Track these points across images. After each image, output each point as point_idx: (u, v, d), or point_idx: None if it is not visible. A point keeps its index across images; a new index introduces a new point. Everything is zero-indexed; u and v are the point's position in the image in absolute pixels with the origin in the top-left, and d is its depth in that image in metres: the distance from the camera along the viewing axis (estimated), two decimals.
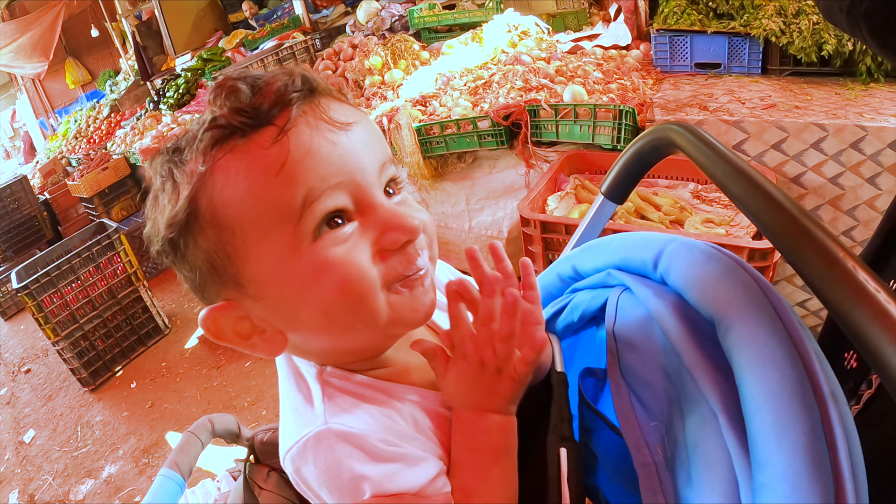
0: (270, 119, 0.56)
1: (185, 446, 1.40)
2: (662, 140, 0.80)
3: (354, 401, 0.64)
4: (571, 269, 0.82)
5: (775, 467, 0.41)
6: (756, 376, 0.45)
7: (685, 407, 0.56)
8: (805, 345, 0.46)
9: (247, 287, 0.60)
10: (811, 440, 0.41)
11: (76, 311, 3.68)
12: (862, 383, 0.83)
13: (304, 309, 0.60)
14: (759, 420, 0.44)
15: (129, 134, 5.81)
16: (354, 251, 0.58)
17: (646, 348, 0.63)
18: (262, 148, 0.55)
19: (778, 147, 2.12)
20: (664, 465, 0.58)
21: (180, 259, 0.60)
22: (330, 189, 0.57)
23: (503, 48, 3.30)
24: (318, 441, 0.60)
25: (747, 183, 0.57)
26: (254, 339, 0.63)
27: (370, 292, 0.59)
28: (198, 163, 0.56)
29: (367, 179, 0.60)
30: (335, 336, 0.63)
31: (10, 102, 12.00)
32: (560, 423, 0.66)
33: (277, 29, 5.51)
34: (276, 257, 0.57)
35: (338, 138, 0.58)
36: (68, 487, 3.10)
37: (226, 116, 0.56)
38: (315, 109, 0.58)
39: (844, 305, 0.42)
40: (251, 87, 0.57)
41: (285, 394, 0.69)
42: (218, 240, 0.57)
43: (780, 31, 2.37)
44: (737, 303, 0.50)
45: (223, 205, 0.56)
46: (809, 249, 0.47)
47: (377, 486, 0.59)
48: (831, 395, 0.43)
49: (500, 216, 2.91)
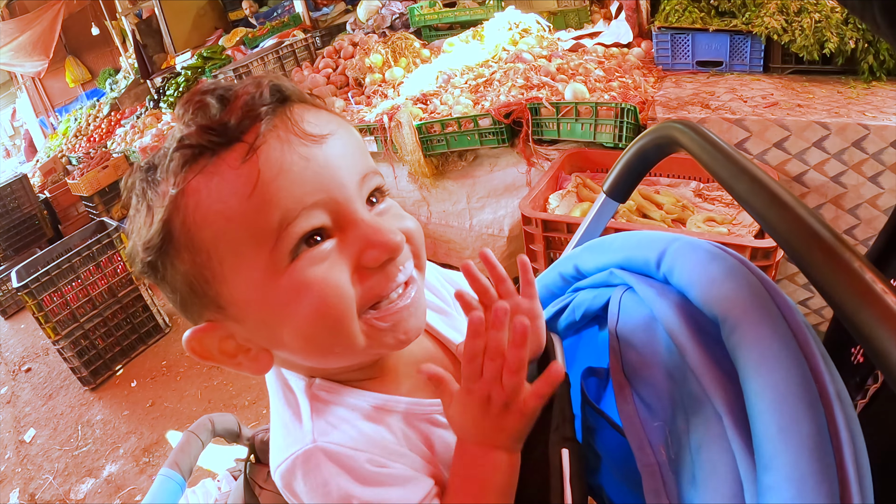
0: (239, 135, 0.54)
1: (186, 446, 1.40)
2: (665, 138, 0.79)
3: (344, 416, 0.63)
4: (573, 268, 0.81)
5: (781, 469, 0.41)
6: (761, 377, 0.45)
7: (689, 407, 0.55)
8: (810, 345, 0.45)
9: (227, 309, 0.58)
10: (817, 442, 0.41)
11: (76, 309, 3.67)
12: (868, 378, 0.82)
13: (283, 331, 0.58)
14: (764, 421, 0.43)
15: (130, 132, 5.81)
16: (332, 271, 0.57)
17: (649, 348, 0.63)
18: (231, 168, 0.53)
19: (780, 145, 2.11)
20: (667, 465, 0.58)
21: (160, 280, 0.59)
22: (306, 210, 0.55)
23: (504, 46, 3.29)
24: (307, 460, 0.59)
25: (751, 181, 0.57)
26: (239, 357, 0.62)
27: (347, 316, 0.58)
28: (169, 184, 0.55)
29: (345, 195, 0.58)
30: (317, 357, 0.62)
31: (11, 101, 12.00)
32: (562, 423, 0.65)
33: (277, 27, 5.50)
34: (254, 280, 0.56)
35: (312, 153, 0.56)
36: (69, 486, 3.09)
37: (194, 135, 0.54)
38: (286, 122, 0.56)
39: (849, 304, 0.42)
40: (220, 101, 0.55)
41: (275, 408, 0.68)
42: (194, 263, 0.56)
43: (782, 29, 2.36)
44: (741, 303, 0.50)
45: (196, 228, 0.54)
46: (814, 248, 0.46)
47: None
48: (837, 397, 0.43)
49: (501, 214, 2.91)
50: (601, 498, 0.80)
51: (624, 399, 0.64)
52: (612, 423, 0.72)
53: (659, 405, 0.61)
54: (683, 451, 0.55)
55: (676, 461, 0.56)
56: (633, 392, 0.64)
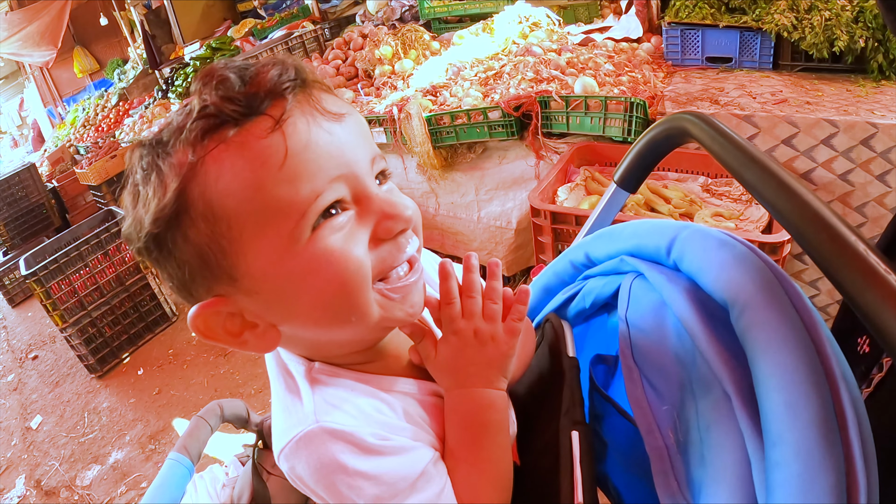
0: (263, 109, 0.54)
1: (195, 431, 1.41)
2: (676, 129, 0.80)
3: (344, 396, 0.64)
4: (584, 256, 0.82)
5: (788, 444, 0.42)
6: (769, 358, 0.46)
7: (697, 390, 0.56)
8: (817, 328, 0.46)
9: (241, 281, 0.58)
10: (823, 419, 0.42)
11: (84, 297, 3.70)
12: (874, 367, 0.84)
13: (300, 301, 0.59)
14: (772, 399, 0.44)
15: (138, 122, 5.83)
16: (351, 240, 0.58)
17: (658, 333, 0.64)
18: (258, 139, 0.54)
19: (788, 142, 2.11)
20: (675, 448, 0.59)
21: (166, 256, 0.58)
22: (332, 182, 0.57)
23: (514, 39, 3.29)
24: (310, 440, 0.60)
25: (761, 170, 0.58)
26: (245, 335, 0.62)
27: (364, 284, 0.60)
28: (187, 154, 0.54)
29: (362, 170, 0.60)
30: (329, 329, 0.63)
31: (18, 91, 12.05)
32: (572, 406, 0.67)
33: (286, 18, 5.52)
34: (274, 250, 0.56)
35: (333, 129, 0.58)
36: (75, 473, 3.12)
37: (216, 105, 0.54)
38: (309, 100, 0.57)
39: (857, 289, 0.43)
40: (240, 77, 0.55)
41: (276, 393, 0.69)
42: (211, 233, 0.56)
43: (792, 27, 2.36)
44: (750, 287, 0.51)
45: (219, 196, 0.54)
46: (822, 233, 0.47)
47: (374, 480, 0.60)
48: (842, 377, 0.44)
49: (510, 207, 2.91)
50: (606, 486, 0.82)
51: (633, 383, 0.65)
52: (619, 409, 0.74)
53: (667, 389, 0.62)
54: (692, 432, 0.56)
55: (684, 443, 0.57)
56: (643, 377, 0.65)
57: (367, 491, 0.59)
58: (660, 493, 0.57)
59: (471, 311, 0.68)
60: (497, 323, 0.68)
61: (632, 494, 0.78)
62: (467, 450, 0.67)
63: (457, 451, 0.67)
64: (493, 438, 0.67)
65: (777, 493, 0.42)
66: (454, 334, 0.68)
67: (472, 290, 0.68)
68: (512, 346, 0.69)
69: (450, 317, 0.68)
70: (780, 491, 0.42)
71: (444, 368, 0.68)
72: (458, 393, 0.68)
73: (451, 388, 0.68)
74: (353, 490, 0.59)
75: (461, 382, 0.68)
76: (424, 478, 0.62)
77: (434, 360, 0.69)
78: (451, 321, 0.68)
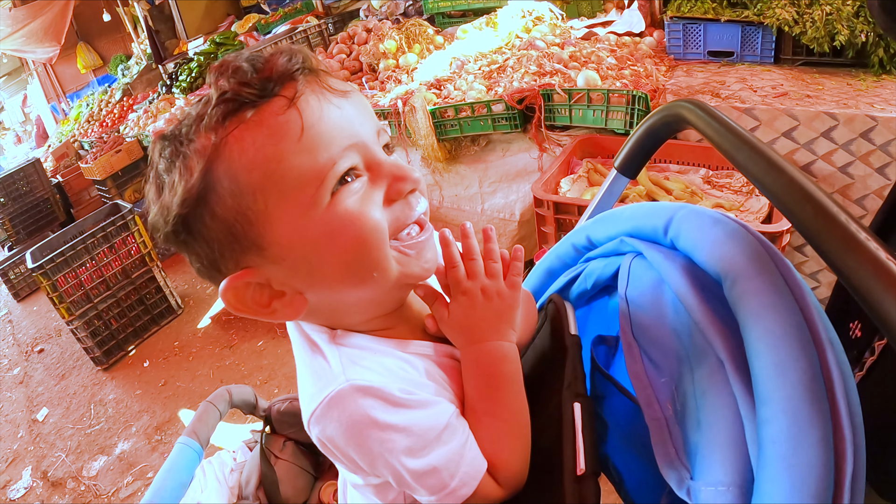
0: (277, 91, 0.59)
1: (204, 415, 1.44)
2: (673, 116, 0.83)
3: (368, 356, 0.69)
4: (585, 239, 0.85)
5: (777, 402, 0.45)
6: (759, 323, 0.49)
7: (694, 360, 0.59)
8: (805, 296, 0.49)
9: (268, 249, 0.62)
10: (810, 378, 0.44)
11: (90, 290, 3.73)
12: (865, 351, 0.86)
13: (325, 263, 0.63)
14: (762, 361, 0.47)
15: (143, 117, 5.84)
16: (367, 203, 0.63)
17: (656, 309, 0.67)
18: (276, 115, 0.58)
19: (788, 135, 2.13)
20: (673, 419, 0.61)
21: (194, 236, 0.63)
22: (345, 150, 0.62)
23: (517, 33, 3.31)
24: (342, 398, 0.64)
25: (755, 154, 0.61)
26: (274, 304, 0.66)
27: (382, 241, 0.64)
28: (209, 137, 0.59)
29: (370, 139, 0.65)
30: (354, 288, 0.67)
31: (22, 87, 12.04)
32: (574, 380, 0.70)
33: (290, 13, 5.52)
34: (298, 216, 0.61)
35: (342, 104, 0.63)
36: (81, 464, 3.15)
37: (234, 90, 0.58)
38: (317, 80, 0.62)
39: (850, 268, 0.45)
40: (252, 65, 0.60)
41: (302, 362, 0.72)
42: (238, 206, 0.60)
43: (793, 21, 2.38)
44: (741, 260, 0.54)
45: (244, 171, 0.59)
46: (817, 215, 0.50)
47: (404, 432, 0.64)
48: (828, 341, 0.47)
49: (513, 199, 2.93)
50: (607, 467, 0.84)
51: (633, 358, 0.68)
52: (620, 387, 0.76)
53: (665, 363, 0.64)
54: (688, 400, 0.58)
55: (682, 413, 0.60)
56: (642, 351, 0.68)
57: (399, 443, 0.64)
58: (659, 461, 0.59)
59: (474, 272, 0.73)
60: (500, 279, 0.74)
61: (632, 474, 0.80)
62: (486, 402, 0.71)
63: (476, 405, 0.72)
64: (509, 388, 0.72)
65: (767, 448, 0.45)
66: (463, 294, 0.73)
67: (473, 254, 0.74)
68: (516, 298, 0.75)
69: (456, 279, 0.73)
70: (770, 446, 0.45)
71: (457, 327, 0.73)
72: (472, 349, 0.72)
73: (466, 345, 0.73)
74: (384, 443, 0.63)
75: (475, 338, 0.72)
76: (449, 430, 0.67)
77: (448, 321, 0.73)
78: (458, 283, 0.73)
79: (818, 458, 0.42)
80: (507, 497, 0.71)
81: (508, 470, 0.70)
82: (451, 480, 0.66)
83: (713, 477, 0.50)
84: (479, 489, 0.68)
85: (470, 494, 0.67)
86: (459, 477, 0.66)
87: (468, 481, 0.67)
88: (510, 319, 0.74)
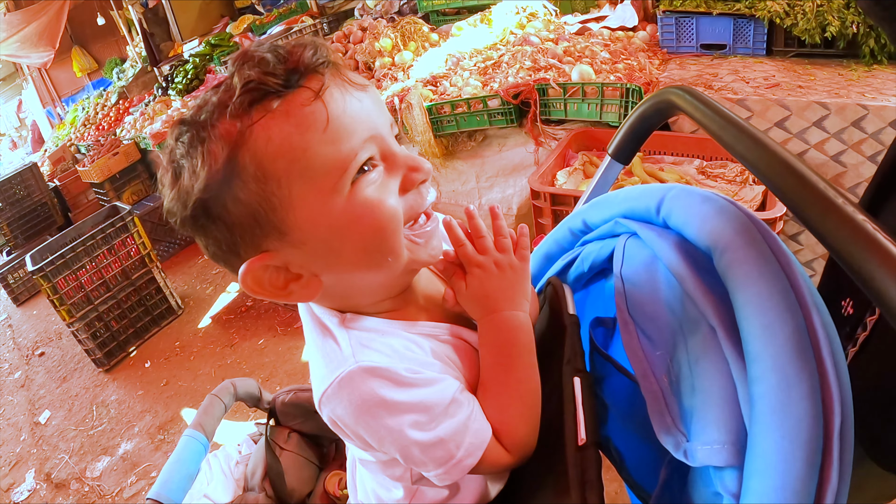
0: (301, 83, 0.61)
1: (209, 408, 1.45)
2: (664, 102, 0.86)
3: (376, 338, 0.72)
4: (581, 223, 0.88)
5: (765, 360, 0.47)
6: (748, 288, 0.52)
7: (687, 331, 0.62)
8: (790, 263, 0.52)
9: (289, 234, 0.65)
10: (797, 338, 0.47)
11: (91, 292, 3.74)
12: (858, 328, 0.89)
13: (344, 247, 0.66)
14: (750, 323, 0.50)
15: (139, 119, 5.86)
16: (384, 191, 0.67)
17: (650, 285, 0.69)
18: (303, 106, 0.61)
19: (781, 125, 2.16)
20: (669, 389, 0.63)
21: (214, 221, 0.64)
22: (365, 142, 0.64)
23: (512, 30, 3.33)
24: (351, 379, 0.67)
25: (741, 133, 0.64)
26: (291, 286, 0.69)
27: (398, 228, 0.68)
28: (235, 124, 0.60)
29: (386, 132, 0.68)
30: (368, 271, 0.70)
31: (17, 92, 12.02)
32: (573, 356, 0.72)
33: (285, 14, 5.55)
34: (320, 203, 0.63)
35: (362, 97, 0.66)
36: (84, 465, 3.16)
37: (260, 79, 0.60)
38: (339, 74, 0.65)
39: (841, 242, 0.47)
40: (276, 56, 0.62)
41: (313, 344, 0.75)
42: (262, 192, 0.62)
43: (785, 13, 2.40)
44: (729, 232, 0.57)
45: (269, 159, 0.61)
46: (806, 191, 0.51)
47: (412, 409, 0.67)
48: (814, 304, 0.49)
49: (510, 193, 2.95)
50: (608, 449, 0.86)
51: (629, 334, 0.71)
52: (618, 366, 0.79)
53: (660, 337, 0.67)
54: (683, 368, 0.61)
55: (677, 382, 0.62)
56: (637, 327, 0.70)
57: (406, 419, 0.67)
58: (656, 429, 0.62)
59: (485, 248, 0.77)
60: (510, 253, 0.78)
61: (632, 452, 0.83)
62: (498, 370, 0.75)
63: (489, 372, 0.76)
64: (522, 358, 0.75)
65: (758, 403, 0.47)
66: (477, 267, 0.76)
67: (481, 231, 0.78)
68: (527, 269, 0.79)
69: (466, 256, 0.77)
70: (760, 401, 0.47)
71: (474, 298, 0.76)
72: (489, 319, 0.76)
73: (484, 316, 0.76)
74: (392, 420, 0.67)
75: (492, 308, 0.76)
76: (455, 404, 0.70)
77: (465, 293, 0.77)
78: (470, 259, 0.77)
79: (807, 411, 0.45)
80: (516, 463, 0.75)
81: (516, 436, 0.73)
82: (458, 451, 0.69)
83: (708, 436, 0.52)
84: (487, 456, 0.71)
85: (475, 464, 0.70)
86: (465, 447, 0.70)
87: (473, 451, 0.70)
88: (524, 289, 0.78)
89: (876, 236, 0.44)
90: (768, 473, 0.45)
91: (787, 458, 0.44)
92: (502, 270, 0.76)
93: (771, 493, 0.45)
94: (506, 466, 0.75)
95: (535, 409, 0.75)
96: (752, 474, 0.47)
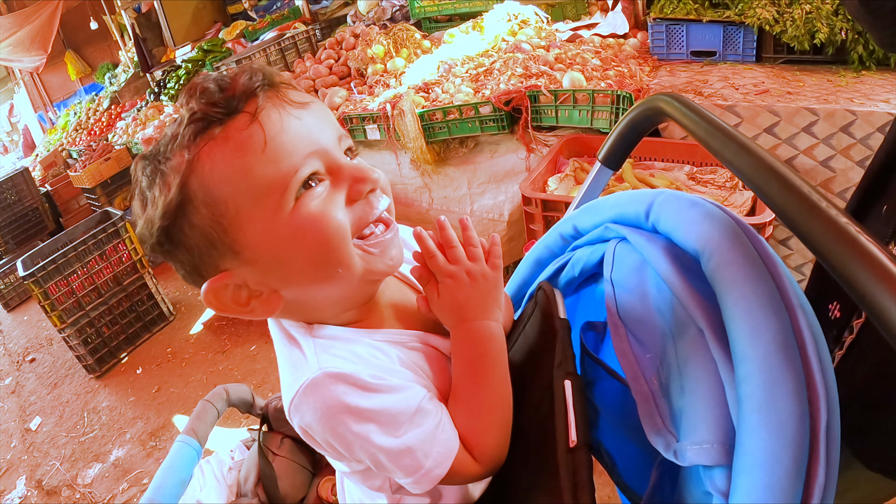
0: (241, 108, 0.65)
1: (202, 414, 1.46)
2: (653, 109, 0.87)
3: (342, 346, 0.73)
4: (572, 228, 0.89)
5: (752, 360, 0.48)
6: (735, 291, 0.53)
7: (676, 333, 0.62)
8: (776, 266, 0.53)
9: (242, 253, 0.68)
10: (783, 338, 0.48)
11: (82, 298, 3.74)
12: (845, 331, 0.90)
13: (294, 262, 0.69)
14: (738, 325, 0.51)
15: (131, 125, 5.85)
16: (329, 204, 0.69)
17: (640, 289, 0.70)
18: (240, 131, 0.64)
19: (770, 131, 2.17)
20: (659, 391, 0.64)
21: (176, 245, 0.68)
22: (307, 157, 0.67)
23: (503, 37, 3.34)
24: (315, 385, 0.68)
25: (727, 139, 0.65)
26: (252, 303, 0.72)
27: (345, 239, 0.69)
28: (183, 154, 0.64)
29: (331, 146, 0.70)
30: (323, 284, 0.72)
31: (8, 97, 11.98)
32: (564, 360, 0.73)
33: (277, 20, 5.54)
34: (266, 221, 0.66)
35: (302, 115, 0.68)
36: (76, 472, 3.15)
37: (202, 110, 0.64)
38: (278, 94, 0.67)
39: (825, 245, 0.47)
40: (218, 85, 0.66)
41: (281, 356, 0.77)
42: (213, 215, 0.65)
43: (774, 20, 2.42)
44: (717, 236, 0.58)
45: (215, 183, 0.64)
46: (792, 197, 0.52)
47: (376, 415, 0.68)
48: (800, 306, 0.50)
49: (502, 199, 2.96)
50: (600, 453, 0.87)
51: (619, 338, 0.71)
52: (609, 370, 0.79)
53: (650, 340, 0.68)
54: (672, 370, 0.62)
55: (666, 384, 0.63)
56: (627, 331, 0.71)
57: (372, 426, 0.68)
58: (647, 430, 0.62)
59: (457, 258, 0.78)
60: (482, 262, 0.79)
61: (623, 456, 0.84)
62: (469, 379, 0.76)
63: (461, 384, 0.76)
64: (492, 368, 0.76)
65: (745, 402, 0.48)
66: (449, 277, 0.77)
67: (452, 242, 0.78)
68: (499, 278, 0.80)
69: (437, 267, 0.78)
70: (747, 400, 0.48)
71: (447, 307, 0.77)
72: (462, 328, 0.77)
73: (457, 325, 0.77)
74: (358, 427, 0.68)
75: (464, 317, 0.77)
76: (421, 413, 0.71)
77: (437, 302, 0.78)
78: (441, 269, 0.78)
79: (793, 409, 0.46)
80: (485, 474, 0.76)
81: (485, 447, 0.74)
82: (426, 460, 0.70)
83: (698, 436, 0.53)
84: (456, 468, 0.72)
85: (444, 475, 0.71)
86: (433, 457, 0.70)
87: (442, 461, 0.71)
88: (496, 298, 0.79)
89: (859, 238, 0.44)
90: (756, 471, 0.46)
91: (774, 456, 0.45)
92: (474, 280, 0.77)
93: (759, 491, 0.45)
94: (475, 477, 0.76)
95: (505, 419, 0.77)
96: (741, 472, 0.47)
